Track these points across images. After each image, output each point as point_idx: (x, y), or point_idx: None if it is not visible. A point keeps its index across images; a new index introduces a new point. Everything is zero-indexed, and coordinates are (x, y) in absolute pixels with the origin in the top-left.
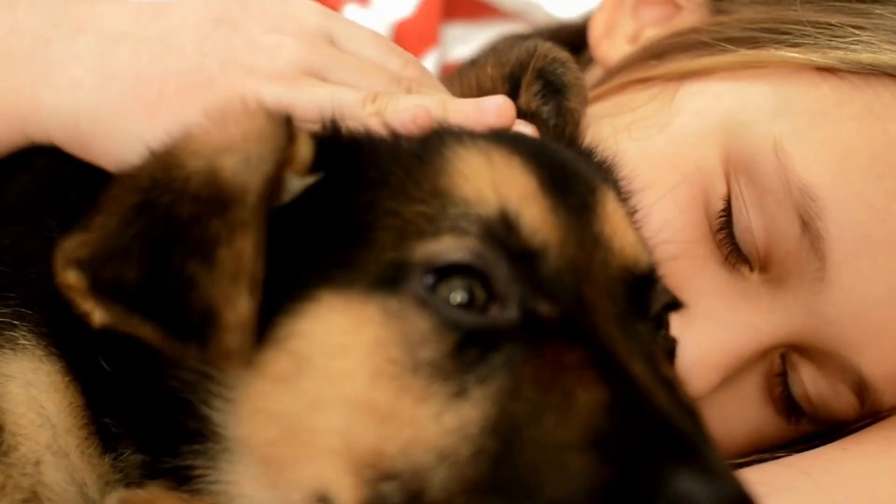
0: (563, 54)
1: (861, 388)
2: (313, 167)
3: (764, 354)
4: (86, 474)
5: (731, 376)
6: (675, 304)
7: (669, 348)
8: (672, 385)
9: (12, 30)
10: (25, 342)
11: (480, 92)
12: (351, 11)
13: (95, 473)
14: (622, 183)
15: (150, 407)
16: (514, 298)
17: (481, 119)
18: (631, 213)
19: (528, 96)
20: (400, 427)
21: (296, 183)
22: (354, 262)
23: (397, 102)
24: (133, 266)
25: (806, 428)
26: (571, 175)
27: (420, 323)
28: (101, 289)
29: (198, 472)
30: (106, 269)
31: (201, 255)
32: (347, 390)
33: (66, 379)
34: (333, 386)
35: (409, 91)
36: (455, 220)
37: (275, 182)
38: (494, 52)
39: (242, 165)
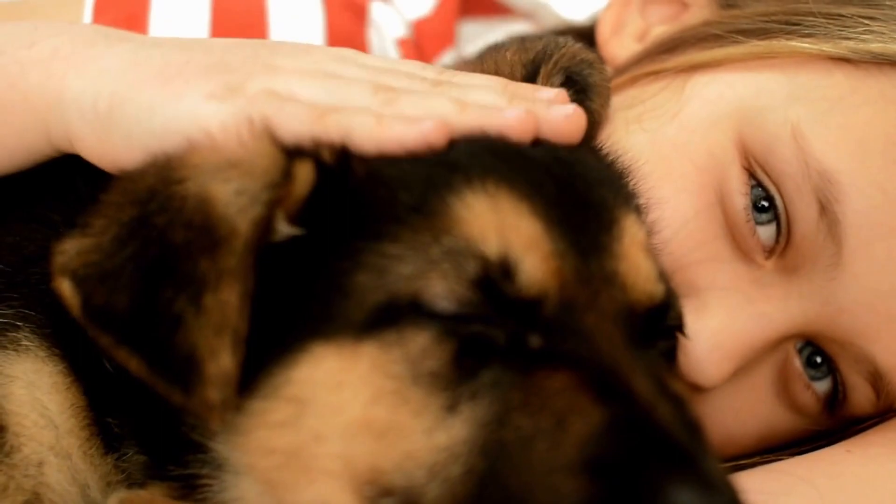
0: (591, 55)
1: (876, 378)
2: (309, 202)
3: (777, 344)
4: (88, 475)
5: (744, 367)
6: (680, 328)
7: (670, 347)
8: (677, 400)
9: (65, 32)
10: (28, 343)
11: (498, 75)
12: (376, 8)
13: (97, 474)
14: (639, 194)
15: (155, 417)
16: (502, 329)
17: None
18: (648, 228)
19: (547, 86)
20: (395, 442)
21: (284, 229)
22: (339, 311)
23: (415, 102)
24: (124, 292)
25: (819, 423)
26: (588, 208)
27: (419, 339)
28: (92, 314)
29: (204, 481)
30: (98, 292)
31: (189, 295)
32: (346, 417)
33: (69, 380)
34: (333, 417)
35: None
36: (446, 260)
37: (265, 224)
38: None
39: (234, 198)
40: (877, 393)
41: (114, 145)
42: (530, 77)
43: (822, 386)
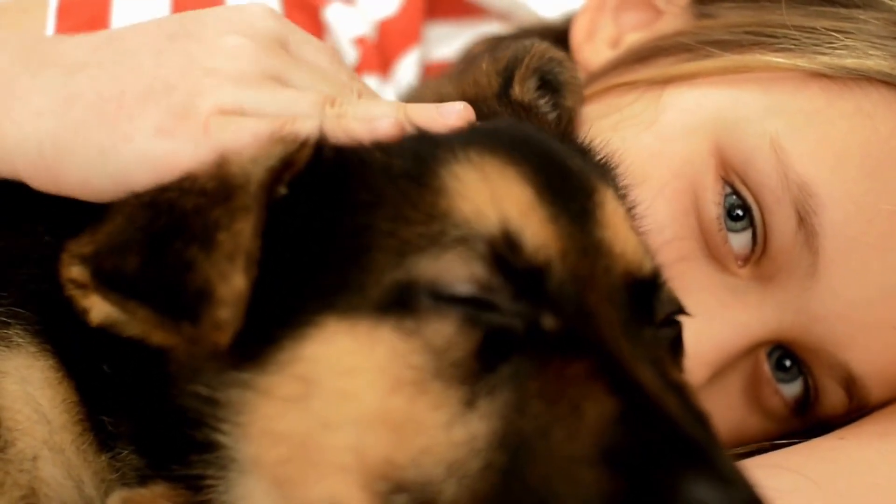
0: (559, 53)
1: (849, 383)
2: (299, 175)
3: (750, 351)
4: (82, 471)
5: (718, 373)
6: (680, 312)
7: (675, 335)
8: (681, 389)
9: None
10: (20, 340)
11: (477, 87)
12: (335, 9)
13: (91, 470)
14: (620, 179)
15: (157, 416)
16: (519, 316)
17: (443, 123)
18: (630, 210)
19: (523, 89)
20: (412, 435)
21: (279, 190)
22: (354, 285)
23: (357, 107)
24: (134, 255)
25: (789, 426)
26: (570, 177)
27: (444, 330)
28: (101, 277)
29: (209, 481)
30: (108, 259)
31: (201, 241)
32: (360, 407)
33: (60, 375)
34: (345, 405)
35: (360, 97)
36: (457, 242)
37: (278, 175)
38: (470, 54)
39: (250, 162)
40: (849, 396)
41: (70, 187)
42: (506, 84)
43: (791, 389)
